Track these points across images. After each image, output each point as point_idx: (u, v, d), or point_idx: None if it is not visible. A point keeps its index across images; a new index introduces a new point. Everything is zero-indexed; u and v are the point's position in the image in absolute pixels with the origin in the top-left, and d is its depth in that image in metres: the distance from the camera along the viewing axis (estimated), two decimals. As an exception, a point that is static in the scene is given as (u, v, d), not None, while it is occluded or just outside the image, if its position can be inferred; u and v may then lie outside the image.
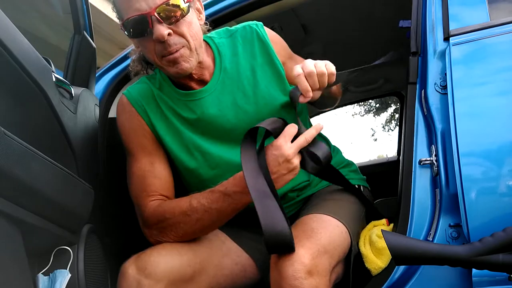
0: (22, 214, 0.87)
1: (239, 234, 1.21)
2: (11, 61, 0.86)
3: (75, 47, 1.35)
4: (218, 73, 1.15)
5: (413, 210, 1.03)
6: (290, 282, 0.89)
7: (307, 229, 0.99)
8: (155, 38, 0.99)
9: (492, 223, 0.88)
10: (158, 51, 1.02)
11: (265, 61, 1.17)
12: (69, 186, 1.05)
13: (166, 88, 1.16)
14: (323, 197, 1.20)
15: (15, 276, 0.86)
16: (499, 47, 1.03)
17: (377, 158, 4.39)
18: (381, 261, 1.05)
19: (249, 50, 1.17)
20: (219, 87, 1.14)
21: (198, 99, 1.14)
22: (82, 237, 1.13)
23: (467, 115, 0.97)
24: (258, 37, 1.17)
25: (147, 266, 1.01)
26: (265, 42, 1.17)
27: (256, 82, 1.15)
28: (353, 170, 1.36)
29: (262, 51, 1.17)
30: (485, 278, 0.88)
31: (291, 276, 0.89)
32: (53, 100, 1.02)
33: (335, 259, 0.98)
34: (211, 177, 1.15)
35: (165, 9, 0.98)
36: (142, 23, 0.98)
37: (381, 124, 14.03)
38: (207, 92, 1.14)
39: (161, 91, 1.16)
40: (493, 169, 0.92)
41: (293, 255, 0.91)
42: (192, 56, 1.05)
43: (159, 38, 0.98)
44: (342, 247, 1.02)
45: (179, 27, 1.01)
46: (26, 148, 0.86)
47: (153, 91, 1.16)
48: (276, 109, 1.15)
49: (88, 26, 1.39)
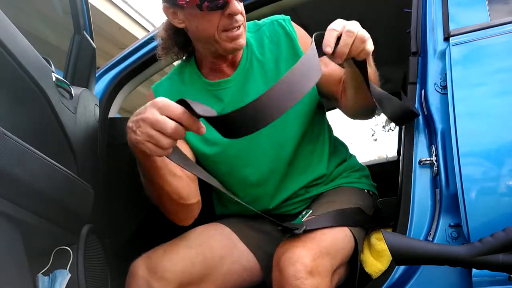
0: (22, 214, 0.87)
1: (251, 236, 1.21)
2: (11, 61, 0.86)
3: (75, 47, 1.35)
4: (244, 62, 1.19)
5: (413, 210, 1.03)
6: (291, 281, 0.89)
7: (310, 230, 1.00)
8: (230, 12, 1.02)
9: (492, 223, 0.88)
10: (222, 25, 1.05)
11: (290, 55, 1.18)
12: (69, 186, 1.05)
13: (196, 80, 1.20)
14: (331, 198, 1.20)
15: (15, 276, 0.86)
16: (499, 47, 1.03)
17: (377, 158, 4.39)
18: (381, 264, 1.05)
19: (276, 43, 1.20)
20: (244, 77, 1.18)
21: (225, 88, 1.18)
22: (82, 237, 1.13)
23: (467, 115, 0.97)
24: (285, 31, 1.20)
25: (158, 269, 1.02)
26: (292, 37, 1.19)
27: (278, 74, 1.17)
28: (365, 175, 1.35)
29: (288, 46, 1.19)
30: (485, 278, 0.88)
31: (293, 276, 0.89)
32: (53, 100, 1.02)
33: (337, 261, 0.99)
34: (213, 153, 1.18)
35: None
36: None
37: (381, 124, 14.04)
38: (233, 81, 1.18)
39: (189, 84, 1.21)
40: (493, 169, 0.92)
41: (295, 255, 0.91)
42: (244, 34, 1.10)
43: (235, 12, 1.03)
44: (345, 250, 1.03)
45: (242, 6, 1.07)
46: (26, 148, 0.86)
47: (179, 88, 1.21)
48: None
49: (88, 26, 1.39)
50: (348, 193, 1.22)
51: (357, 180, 1.29)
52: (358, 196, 1.22)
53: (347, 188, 1.25)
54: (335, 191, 1.24)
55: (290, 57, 1.18)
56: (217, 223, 1.22)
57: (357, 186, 1.27)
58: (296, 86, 0.82)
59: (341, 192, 1.23)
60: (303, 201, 1.24)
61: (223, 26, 1.05)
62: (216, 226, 1.20)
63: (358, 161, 1.39)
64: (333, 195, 1.21)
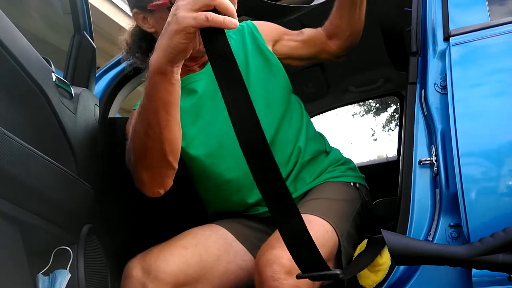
0: (22, 214, 0.87)
1: (247, 235, 1.21)
2: (11, 61, 0.86)
3: (75, 47, 1.35)
4: None
5: (413, 210, 1.02)
6: (269, 283, 0.89)
7: None
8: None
9: (492, 223, 0.88)
10: None
11: (255, 49, 1.26)
12: (69, 186, 1.05)
13: None
14: (314, 195, 1.21)
15: (15, 276, 0.86)
16: (499, 47, 1.03)
17: (377, 158, 4.39)
18: (377, 276, 1.03)
19: (240, 41, 1.27)
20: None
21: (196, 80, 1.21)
22: (82, 237, 1.13)
23: (467, 115, 0.97)
24: (248, 28, 1.28)
25: (153, 269, 1.01)
26: (254, 33, 1.27)
27: (248, 68, 1.23)
28: (351, 168, 1.36)
29: (252, 41, 1.27)
30: (485, 278, 0.88)
31: (270, 277, 0.89)
32: (53, 100, 1.02)
33: None
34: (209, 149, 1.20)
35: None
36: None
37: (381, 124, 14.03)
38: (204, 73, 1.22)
39: None
40: (493, 169, 0.92)
41: (272, 257, 0.91)
42: None
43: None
44: (327, 247, 1.02)
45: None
46: (26, 148, 0.86)
47: None
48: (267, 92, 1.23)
49: (88, 26, 1.39)
50: (331, 188, 1.23)
51: (342, 173, 1.30)
52: (341, 190, 1.23)
53: (331, 183, 1.26)
54: (320, 187, 1.25)
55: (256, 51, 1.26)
56: (212, 224, 1.23)
57: (342, 180, 1.28)
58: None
59: (325, 188, 1.24)
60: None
61: None
62: (211, 227, 1.20)
63: (342, 154, 1.41)
64: (319, 192, 1.22)
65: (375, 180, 1.38)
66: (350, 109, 13.43)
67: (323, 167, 1.30)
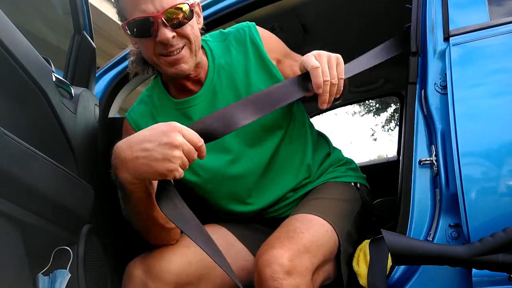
0: (22, 214, 0.87)
1: (249, 236, 1.21)
2: (11, 61, 0.86)
3: (75, 47, 1.35)
4: (211, 76, 1.17)
5: (413, 210, 1.03)
6: (269, 283, 0.89)
7: (290, 230, 1.00)
8: (159, 40, 1.00)
9: (492, 223, 0.88)
10: (157, 51, 1.03)
11: (258, 62, 1.18)
12: (69, 186, 1.05)
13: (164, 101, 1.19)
14: (314, 195, 1.20)
15: (15, 276, 0.86)
16: (499, 47, 1.03)
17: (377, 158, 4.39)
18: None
19: (242, 52, 1.19)
20: (212, 91, 1.16)
21: (193, 105, 1.16)
22: (82, 237, 1.13)
23: (467, 115, 0.97)
24: (250, 39, 1.19)
25: (154, 269, 1.01)
26: (256, 44, 1.18)
27: (249, 84, 1.16)
28: (352, 168, 1.36)
29: (255, 53, 1.18)
30: (485, 278, 0.88)
31: (270, 277, 0.89)
32: (53, 100, 1.02)
33: (318, 258, 0.98)
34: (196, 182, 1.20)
35: (171, 13, 0.99)
36: (147, 24, 0.99)
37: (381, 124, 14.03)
38: (201, 97, 1.16)
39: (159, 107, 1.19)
40: (493, 169, 0.92)
41: (271, 257, 0.91)
42: (191, 57, 1.07)
43: (164, 41, 1.00)
44: (327, 247, 1.02)
45: (183, 30, 1.03)
46: (26, 148, 0.86)
47: (152, 110, 1.20)
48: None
49: (88, 26, 1.39)
50: (332, 188, 1.23)
51: (343, 174, 1.30)
52: (342, 190, 1.23)
53: (332, 184, 1.26)
54: (321, 187, 1.25)
55: (258, 65, 1.18)
56: (214, 224, 1.23)
57: (343, 180, 1.28)
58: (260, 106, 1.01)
59: (326, 189, 1.23)
60: (293, 203, 1.24)
61: (158, 51, 1.04)
62: (213, 227, 1.20)
63: (343, 154, 1.40)
64: (319, 193, 1.22)
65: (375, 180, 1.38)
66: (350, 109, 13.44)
67: (324, 168, 1.30)
